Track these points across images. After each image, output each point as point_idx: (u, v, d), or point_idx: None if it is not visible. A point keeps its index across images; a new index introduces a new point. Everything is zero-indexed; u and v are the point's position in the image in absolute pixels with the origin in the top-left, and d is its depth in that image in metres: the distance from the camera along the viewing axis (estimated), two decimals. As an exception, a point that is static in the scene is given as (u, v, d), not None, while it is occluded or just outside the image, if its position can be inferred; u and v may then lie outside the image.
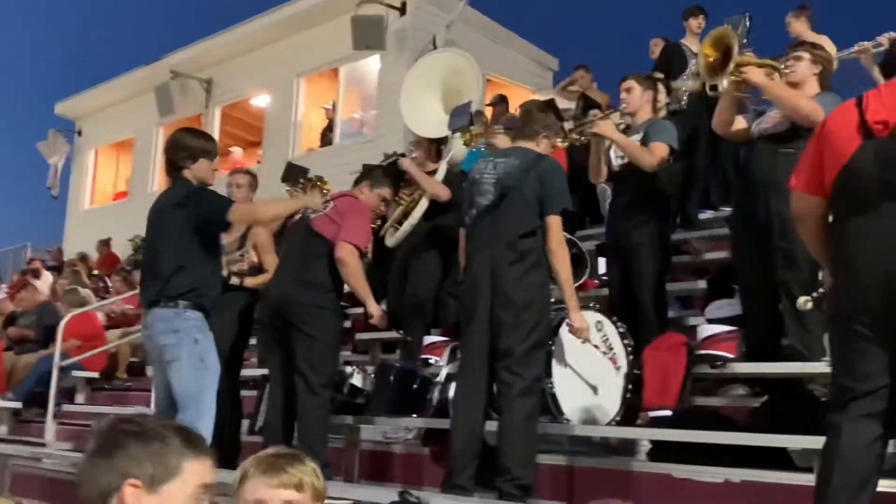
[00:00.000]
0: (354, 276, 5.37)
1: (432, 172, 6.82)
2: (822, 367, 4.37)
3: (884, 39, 6.19)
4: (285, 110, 14.10)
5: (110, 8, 40.84)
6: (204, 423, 4.50)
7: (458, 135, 6.85)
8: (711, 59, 4.87)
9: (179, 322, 4.58)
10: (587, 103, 9.56)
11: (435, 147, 7.17)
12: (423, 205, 6.70)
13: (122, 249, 14.50)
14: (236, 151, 15.15)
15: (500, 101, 10.70)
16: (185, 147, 4.81)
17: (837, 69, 6.89)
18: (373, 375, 5.86)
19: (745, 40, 5.79)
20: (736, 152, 6.50)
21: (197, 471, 1.85)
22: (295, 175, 7.20)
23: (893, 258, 2.94)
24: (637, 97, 5.71)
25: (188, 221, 4.65)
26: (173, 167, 4.83)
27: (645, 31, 9.91)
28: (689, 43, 8.11)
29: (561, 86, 10.51)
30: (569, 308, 4.61)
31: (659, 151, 5.42)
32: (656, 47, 9.06)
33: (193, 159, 4.78)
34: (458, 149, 6.85)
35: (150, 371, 9.53)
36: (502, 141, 6.42)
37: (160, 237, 4.75)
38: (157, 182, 16.44)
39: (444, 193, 6.58)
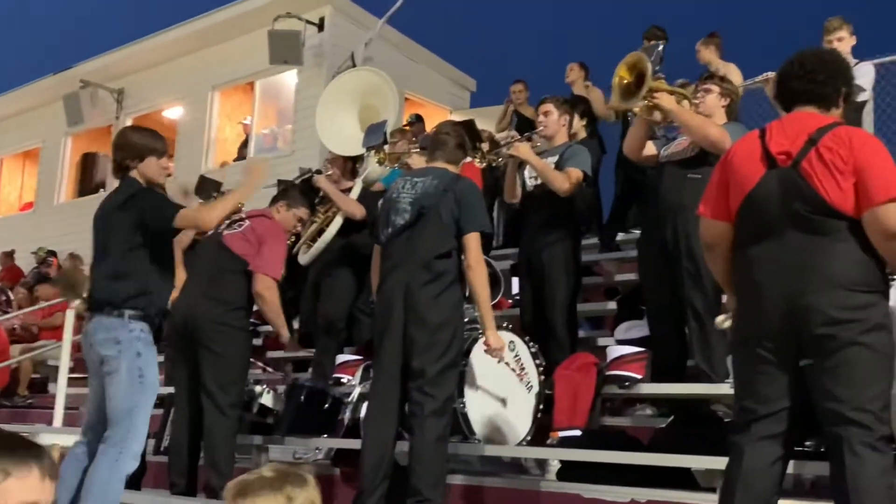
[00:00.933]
0: (273, 310, 5.33)
1: (347, 190, 6.81)
2: (725, 388, 4.47)
3: None
4: (199, 123, 13.87)
5: (19, 14, 39.76)
6: (134, 441, 4.32)
7: (372, 153, 6.85)
8: (626, 83, 4.97)
9: (123, 333, 4.34)
10: (520, 120, 9.64)
11: (350, 165, 7.17)
12: (338, 222, 6.68)
13: (27, 262, 14.05)
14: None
15: (417, 121, 10.72)
16: (131, 146, 4.58)
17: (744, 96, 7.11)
18: (283, 395, 5.78)
19: (657, 67, 5.93)
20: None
21: (14, 489, 1.67)
22: (208, 189, 7.09)
23: (794, 284, 3.03)
24: (555, 121, 5.80)
25: (133, 224, 4.42)
26: (120, 167, 4.60)
27: (562, 55, 10.06)
28: None
29: (498, 119, 10.39)
30: (485, 327, 4.60)
31: (573, 176, 5.51)
32: (571, 72, 9.19)
33: (140, 158, 4.55)
34: (373, 167, 6.85)
35: (52, 388, 9.26)
36: (417, 160, 6.44)
37: (106, 241, 4.50)
38: (65, 193, 16.03)
39: (359, 212, 6.57)
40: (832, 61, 3.41)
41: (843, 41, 6.58)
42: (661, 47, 6.24)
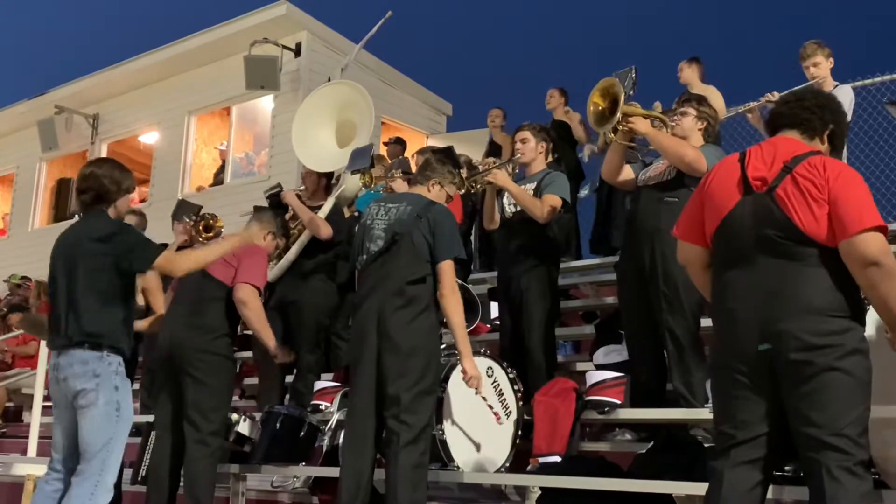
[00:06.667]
0: (257, 317, 5.31)
1: (318, 208, 6.72)
2: (704, 412, 4.47)
3: (769, 98, 6.42)
4: (175, 148, 13.84)
5: (-8, 39, 39.57)
6: (108, 474, 4.30)
7: (355, 174, 6.80)
8: (600, 109, 4.99)
9: (101, 366, 4.31)
10: (491, 145, 9.67)
11: (325, 182, 7.04)
12: (303, 240, 6.57)
13: (0, 288, 13.91)
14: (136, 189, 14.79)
15: (396, 143, 10.77)
16: (118, 182, 4.55)
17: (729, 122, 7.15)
18: (260, 422, 5.73)
19: (631, 92, 5.96)
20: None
21: None
22: (187, 212, 7.05)
23: (767, 310, 3.03)
24: (532, 148, 5.82)
25: (110, 259, 4.37)
26: (100, 200, 4.52)
27: (540, 82, 10.08)
28: None
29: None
30: (461, 355, 4.57)
31: (551, 202, 5.52)
32: (552, 98, 9.20)
33: (123, 195, 4.60)
34: (350, 186, 6.79)
35: (26, 417, 9.14)
36: (400, 185, 6.41)
37: (77, 273, 4.38)
38: (39, 219, 15.91)
39: (325, 230, 6.47)
40: (826, 96, 3.46)
41: (819, 66, 6.60)
42: (633, 72, 6.28)
